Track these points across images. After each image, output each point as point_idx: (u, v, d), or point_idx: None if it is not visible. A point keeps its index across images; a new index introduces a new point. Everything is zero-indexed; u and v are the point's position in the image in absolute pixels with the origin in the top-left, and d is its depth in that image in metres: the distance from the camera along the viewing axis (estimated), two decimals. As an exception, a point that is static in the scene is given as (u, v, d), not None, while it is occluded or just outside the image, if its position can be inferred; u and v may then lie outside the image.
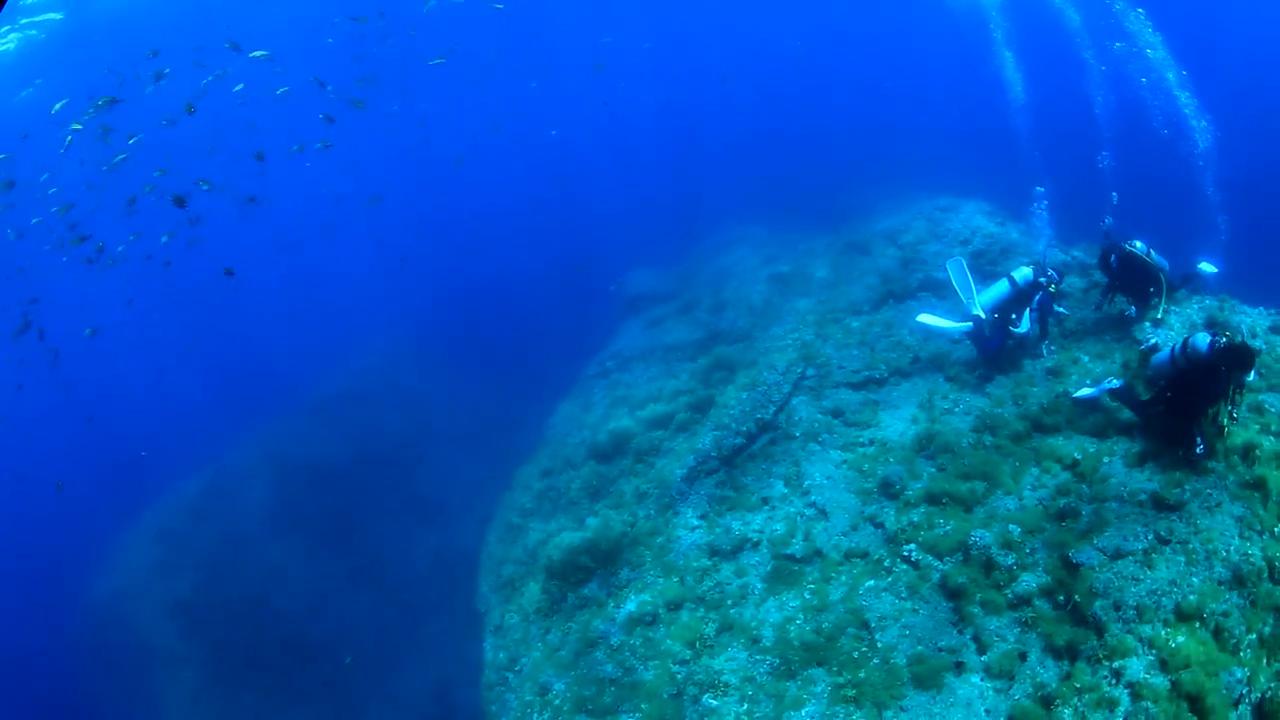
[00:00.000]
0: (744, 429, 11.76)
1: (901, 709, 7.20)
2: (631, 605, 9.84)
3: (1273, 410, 7.85)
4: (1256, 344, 8.77)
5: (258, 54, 14.14)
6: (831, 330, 13.37)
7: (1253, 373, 7.42)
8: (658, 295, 18.62)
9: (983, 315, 10.35)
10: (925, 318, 11.27)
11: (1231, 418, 7.40)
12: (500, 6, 21.70)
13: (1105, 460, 8.26)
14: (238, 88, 16.97)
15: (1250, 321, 9.25)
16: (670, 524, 10.82)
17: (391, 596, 15.53)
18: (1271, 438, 7.50)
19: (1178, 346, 7.82)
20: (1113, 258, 10.04)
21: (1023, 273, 10.45)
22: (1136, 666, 6.31)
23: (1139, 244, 9.91)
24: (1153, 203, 12.73)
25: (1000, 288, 10.45)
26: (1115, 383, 8.65)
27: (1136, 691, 6.14)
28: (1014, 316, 10.24)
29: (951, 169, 17.50)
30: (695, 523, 10.73)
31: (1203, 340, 7.48)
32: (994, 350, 10.49)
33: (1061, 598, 7.26)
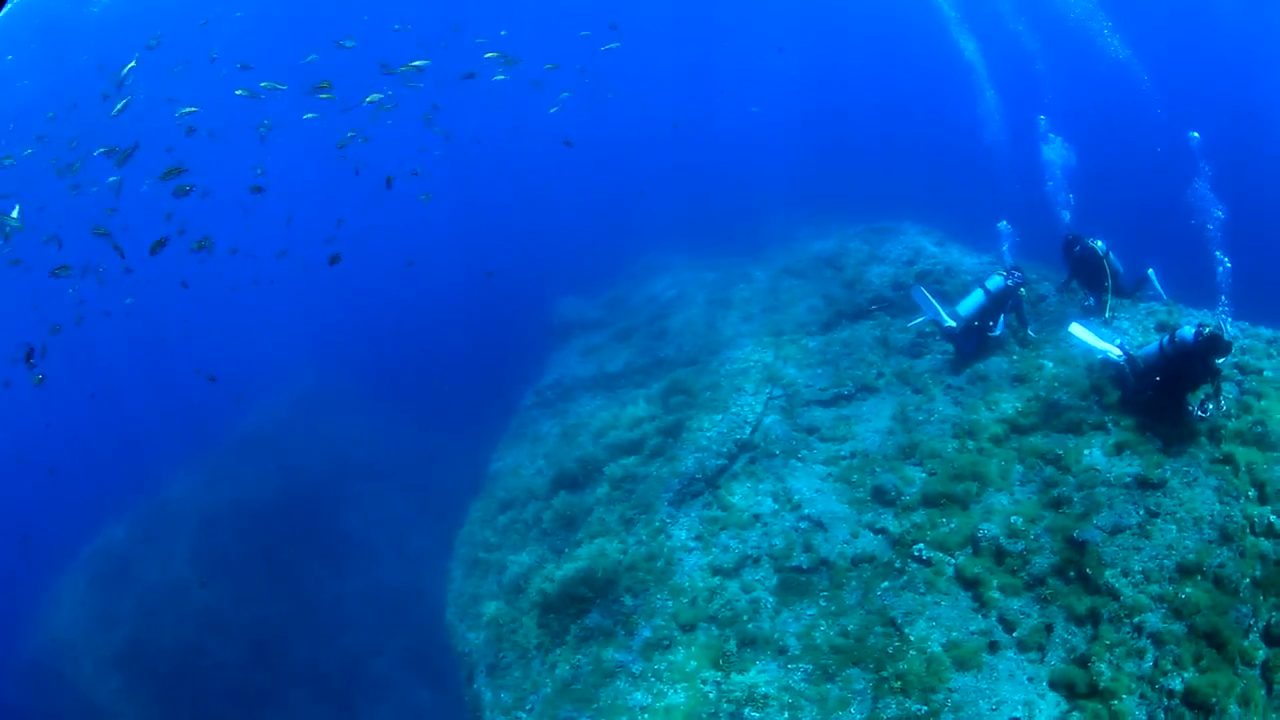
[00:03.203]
0: (724, 450, 12.81)
1: (951, 690, 8.37)
2: (646, 631, 10.44)
3: (1230, 397, 9.96)
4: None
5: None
6: (790, 351, 14.78)
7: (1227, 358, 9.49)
8: (588, 323, 19.46)
9: (955, 325, 12.16)
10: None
11: (1216, 398, 9.41)
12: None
13: (1085, 453, 10.04)
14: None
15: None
16: (666, 547, 11.57)
17: (330, 640, 15.46)
18: (1233, 420, 9.56)
19: (1166, 339, 9.79)
20: (1077, 248, 12.20)
21: (995, 280, 12.37)
22: (1154, 619, 7.89)
23: (1099, 244, 12.11)
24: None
25: (976, 297, 12.32)
26: (1120, 356, 10.48)
27: (1159, 639, 7.70)
28: (990, 323, 12.14)
29: (865, 194, 19.74)
30: (691, 544, 11.54)
31: (1189, 331, 9.47)
32: (971, 352, 12.35)
33: (1073, 573, 8.80)
